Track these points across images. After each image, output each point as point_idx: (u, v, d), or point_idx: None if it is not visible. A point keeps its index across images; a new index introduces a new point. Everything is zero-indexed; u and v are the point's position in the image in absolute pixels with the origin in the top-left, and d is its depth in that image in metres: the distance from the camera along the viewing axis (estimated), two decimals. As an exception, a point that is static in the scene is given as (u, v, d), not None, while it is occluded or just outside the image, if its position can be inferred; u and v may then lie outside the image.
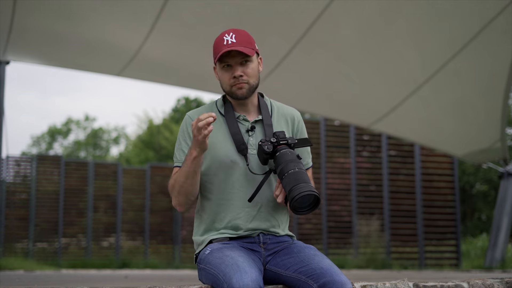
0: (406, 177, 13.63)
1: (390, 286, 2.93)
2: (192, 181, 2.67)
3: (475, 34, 7.61)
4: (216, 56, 2.69)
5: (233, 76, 2.70)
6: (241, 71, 2.69)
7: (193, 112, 2.83)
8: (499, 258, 9.61)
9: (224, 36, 2.70)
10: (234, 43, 2.67)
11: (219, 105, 2.83)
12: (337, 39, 8.27)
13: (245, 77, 2.70)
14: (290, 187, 2.51)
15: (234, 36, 2.69)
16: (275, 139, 2.65)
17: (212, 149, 2.73)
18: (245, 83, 2.71)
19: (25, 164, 15.70)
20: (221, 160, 2.71)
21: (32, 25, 8.19)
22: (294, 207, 2.51)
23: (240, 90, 2.71)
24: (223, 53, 2.67)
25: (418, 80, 8.70)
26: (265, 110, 2.80)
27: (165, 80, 10.11)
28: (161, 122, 31.29)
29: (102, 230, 15.56)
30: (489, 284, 3.15)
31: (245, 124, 2.77)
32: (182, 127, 2.81)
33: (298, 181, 2.50)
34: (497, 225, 9.79)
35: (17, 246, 14.72)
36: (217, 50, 2.70)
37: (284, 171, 2.56)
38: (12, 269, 10.15)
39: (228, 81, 2.71)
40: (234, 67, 2.70)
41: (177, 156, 2.79)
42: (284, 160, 2.58)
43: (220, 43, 2.69)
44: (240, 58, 2.69)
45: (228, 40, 2.68)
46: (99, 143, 40.87)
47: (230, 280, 2.38)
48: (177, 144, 2.82)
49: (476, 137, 10.01)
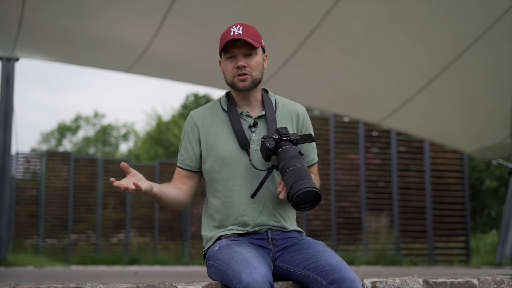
0: (415, 173, 13.60)
1: (400, 282, 2.93)
2: (165, 203, 2.75)
3: (485, 29, 7.57)
4: (221, 46, 2.70)
5: (236, 67, 2.69)
6: (245, 62, 2.69)
7: (197, 112, 2.83)
8: (509, 254, 9.57)
9: (231, 28, 2.70)
10: (241, 34, 2.67)
11: (223, 102, 2.83)
12: (347, 35, 8.25)
13: (248, 69, 2.69)
14: (291, 184, 2.50)
15: (241, 29, 2.68)
16: (277, 135, 2.64)
17: (215, 147, 2.73)
18: (248, 75, 2.70)
19: (34, 160, 15.75)
20: (223, 157, 2.71)
21: (41, 22, 8.22)
22: (295, 204, 2.51)
23: (242, 82, 2.70)
24: (228, 43, 2.67)
25: (427, 76, 8.67)
26: (269, 105, 2.79)
27: (173, 76, 10.12)
28: (170, 118, 31.31)
29: (111, 226, 15.59)
30: (499, 281, 3.14)
31: (248, 120, 2.76)
32: (186, 128, 2.82)
33: (299, 178, 2.50)
34: (507, 221, 9.75)
35: (27, 242, 14.78)
36: (223, 41, 2.70)
37: (286, 168, 2.55)
38: (22, 265, 10.19)
39: (231, 72, 2.71)
40: (238, 57, 2.70)
41: (179, 156, 2.84)
42: (286, 156, 2.58)
43: (226, 34, 2.69)
44: (245, 49, 2.69)
45: (235, 31, 2.68)
46: (108, 140, 40.95)
47: (239, 276, 2.37)
48: (180, 143, 2.85)
49: (486, 133, 9.97)
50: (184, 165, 2.80)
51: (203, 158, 2.77)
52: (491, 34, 7.61)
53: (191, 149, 2.79)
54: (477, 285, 3.09)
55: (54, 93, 59.35)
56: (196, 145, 2.78)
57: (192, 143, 2.78)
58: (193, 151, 2.78)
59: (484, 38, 7.69)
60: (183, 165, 2.81)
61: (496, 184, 23.52)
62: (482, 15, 7.52)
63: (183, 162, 2.81)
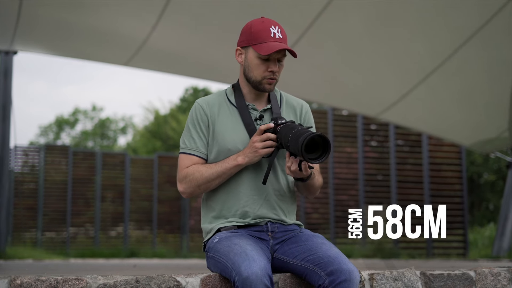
0: (413, 166, 13.61)
1: (397, 274, 2.94)
2: (221, 182, 2.70)
3: (484, 22, 7.57)
4: (262, 46, 2.66)
5: (269, 70, 2.70)
6: (277, 67, 2.71)
7: (203, 100, 2.81)
8: (506, 248, 9.59)
9: (270, 27, 2.68)
10: (281, 38, 2.68)
11: (229, 94, 2.83)
12: (345, 28, 8.24)
13: (277, 74, 2.73)
14: (295, 141, 2.49)
15: (280, 31, 2.69)
16: (273, 122, 2.67)
17: (221, 137, 2.73)
18: (275, 79, 2.73)
19: (33, 154, 15.74)
20: (229, 148, 2.72)
21: (39, 15, 8.20)
22: (306, 153, 2.46)
23: (269, 85, 2.73)
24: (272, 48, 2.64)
25: (426, 69, 8.67)
26: (274, 100, 2.82)
27: (172, 70, 10.10)
28: (168, 112, 31.25)
29: (110, 219, 15.59)
30: (496, 273, 3.15)
31: (254, 113, 2.78)
32: (192, 115, 2.78)
33: (304, 132, 2.49)
34: (504, 215, 9.77)
35: (25, 235, 14.78)
36: (262, 39, 2.67)
37: (288, 135, 2.55)
38: (21, 258, 10.20)
39: (262, 73, 2.71)
40: (272, 61, 2.70)
41: (186, 144, 2.76)
42: (286, 129, 2.59)
43: (265, 34, 2.67)
44: (281, 54, 2.70)
45: (275, 33, 2.68)
46: (106, 133, 40.89)
47: (238, 268, 2.39)
48: (185, 131, 2.79)
49: (484, 127, 9.98)
50: (200, 152, 2.75)
51: (209, 148, 2.77)
52: (490, 27, 7.60)
53: (203, 137, 2.76)
54: (473, 277, 3.11)
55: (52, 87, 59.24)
56: (206, 132, 2.75)
57: (204, 130, 2.76)
58: (206, 138, 2.76)
59: (483, 31, 7.69)
60: (199, 152, 2.75)
61: (494, 177, 23.53)
62: (481, 8, 7.52)
63: (199, 150, 2.75)
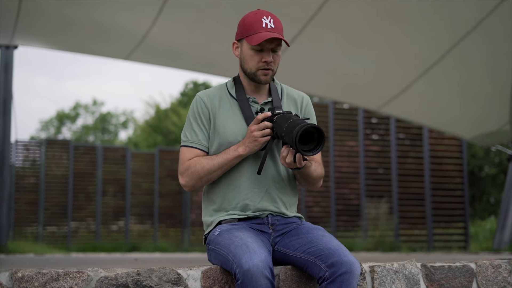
0: (414, 160, 13.61)
1: (398, 266, 2.95)
2: (222, 173, 2.70)
3: (484, 15, 7.56)
4: (253, 37, 2.65)
5: (263, 61, 2.69)
6: (272, 57, 2.70)
7: (204, 93, 2.82)
8: (507, 240, 9.60)
9: (262, 18, 2.67)
10: (273, 28, 2.66)
11: (229, 87, 2.83)
12: (346, 22, 8.23)
13: (272, 64, 2.71)
14: (290, 132, 2.49)
15: (272, 21, 2.67)
16: (271, 112, 2.68)
17: (221, 130, 2.73)
18: (271, 69, 2.72)
19: (34, 148, 15.77)
20: (230, 141, 2.72)
21: (40, 9, 8.19)
22: (300, 143, 2.47)
23: (265, 76, 2.72)
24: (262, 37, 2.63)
25: (427, 62, 8.66)
26: (275, 93, 2.82)
27: (173, 64, 10.09)
28: (169, 106, 31.25)
29: (111, 213, 15.62)
30: (497, 265, 3.16)
31: (254, 106, 2.78)
32: (193, 108, 2.78)
33: (298, 124, 2.48)
34: (505, 208, 9.77)
35: (27, 230, 14.81)
36: (254, 30, 2.67)
37: (283, 126, 2.55)
38: (22, 253, 10.21)
39: (256, 64, 2.71)
40: (266, 52, 2.69)
41: (188, 137, 2.77)
42: (282, 120, 2.59)
43: (257, 25, 2.66)
44: (274, 44, 2.69)
45: (267, 24, 2.66)
46: (107, 128, 40.92)
47: (239, 261, 2.39)
48: (187, 124, 2.80)
49: (485, 120, 9.97)
50: (201, 145, 2.75)
51: (210, 141, 2.77)
52: (490, 20, 7.59)
53: (205, 130, 2.76)
54: (474, 269, 3.12)
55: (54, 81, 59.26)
56: (207, 125, 2.76)
57: (205, 123, 2.76)
58: (207, 131, 2.76)
59: (483, 24, 7.68)
60: (200, 145, 2.75)
61: (495, 170, 23.55)
62: (481, 1, 7.50)
63: (200, 143, 2.75)
